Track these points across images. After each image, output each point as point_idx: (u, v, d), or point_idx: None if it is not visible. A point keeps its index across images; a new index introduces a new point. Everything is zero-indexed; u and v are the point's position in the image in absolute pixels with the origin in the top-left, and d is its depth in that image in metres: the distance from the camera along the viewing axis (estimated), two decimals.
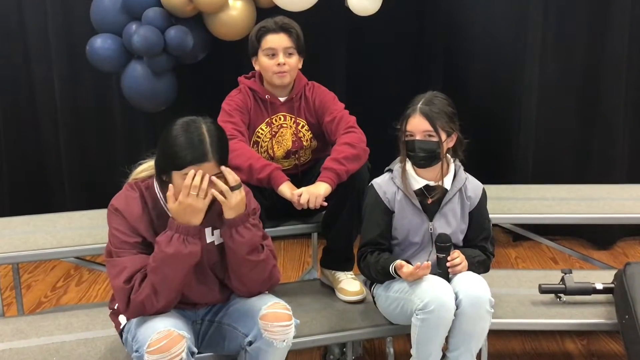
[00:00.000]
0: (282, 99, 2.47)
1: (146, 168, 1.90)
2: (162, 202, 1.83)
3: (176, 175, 1.75)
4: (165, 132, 1.77)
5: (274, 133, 2.47)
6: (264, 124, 2.46)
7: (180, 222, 1.75)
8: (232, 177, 1.79)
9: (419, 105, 2.10)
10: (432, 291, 1.96)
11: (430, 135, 2.10)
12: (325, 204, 2.23)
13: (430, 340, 1.98)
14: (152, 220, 1.83)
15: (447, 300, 1.95)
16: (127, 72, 3.23)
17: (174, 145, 1.73)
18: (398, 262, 2.05)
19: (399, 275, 2.06)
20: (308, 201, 2.19)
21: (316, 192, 2.20)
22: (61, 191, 3.90)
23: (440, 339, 2.00)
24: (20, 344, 2.16)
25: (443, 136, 2.10)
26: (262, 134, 2.47)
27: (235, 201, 1.79)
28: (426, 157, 2.11)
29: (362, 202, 2.29)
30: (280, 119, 2.47)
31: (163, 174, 1.79)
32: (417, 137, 2.10)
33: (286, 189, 2.24)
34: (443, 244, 2.05)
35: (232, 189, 1.78)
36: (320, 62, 3.19)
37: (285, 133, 2.48)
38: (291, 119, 2.48)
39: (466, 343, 2.01)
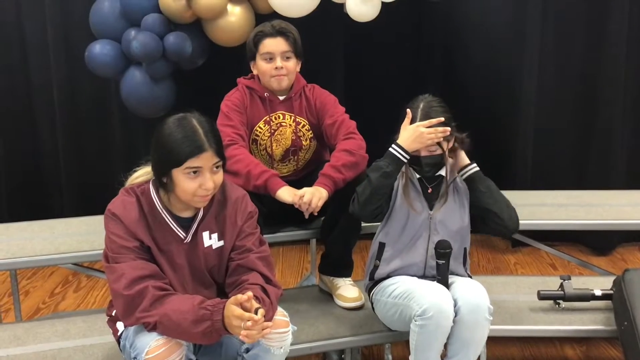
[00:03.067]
0: (281, 98, 2.47)
1: (142, 174, 1.89)
2: (158, 207, 1.83)
3: (177, 172, 1.74)
4: (157, 133, 1.77)
5: (272, 131, 2.46)
6: (262, 122, 2.46)
7: (220, 323, 1.68)
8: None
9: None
10: (431, 298, 1.96)
11: (433, 150, 2.11)
12: (316, 214, 2.23)
13: (429, 346, 1.98)
14: (149, 225, 1.82)
15: (446, 307, 1.95)
16: (126, 77, 3.23)
17: (170, 143, 1.73)
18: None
19: (403, 151, 2.08)
20: (307, 207, 2.19)
21: (318, 193, 2.21)
22: (59, 197, 3.90)
23: (439, 345, 2.00)
24: (18, 350, 2.16)
25: (445, 145, 2.11)
26: (260, 132, 2.46)
27: None
28: (432, 169, 2.16)
29: None
30: (279, 117, 2.47)
31: (163, 176, 1.77)
32: (422, 154, 2.12)
33: (284, 192, 2.23)
34: (443, 250, 2.05)
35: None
36: (318, 67, 3.18)
37: (285, 132, 2.48)
38: (291, 118, 2.47)
39: (465, 350, 2.01)
